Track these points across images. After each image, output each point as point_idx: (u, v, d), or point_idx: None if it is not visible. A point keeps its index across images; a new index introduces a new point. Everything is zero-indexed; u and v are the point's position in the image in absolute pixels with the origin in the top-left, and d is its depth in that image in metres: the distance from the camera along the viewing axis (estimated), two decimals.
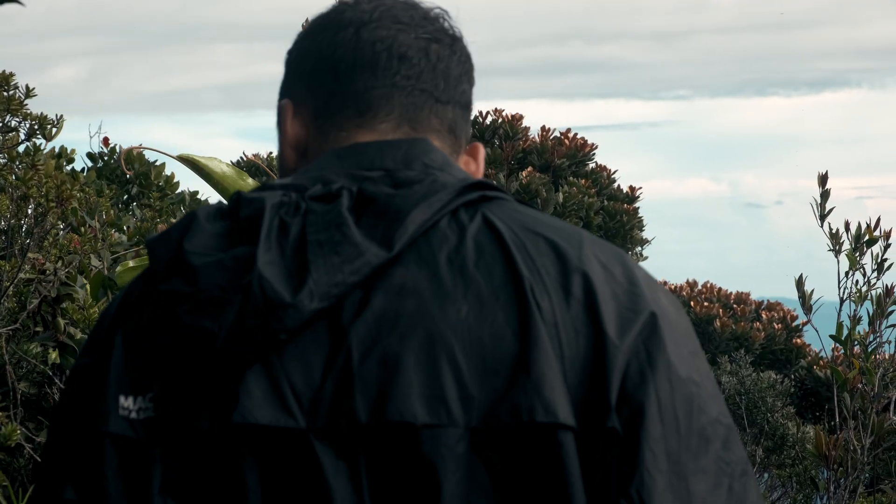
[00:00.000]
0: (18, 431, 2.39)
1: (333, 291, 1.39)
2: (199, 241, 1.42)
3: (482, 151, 1.70)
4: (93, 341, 1.51)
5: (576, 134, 9.08)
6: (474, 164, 1.66)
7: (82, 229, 2.92)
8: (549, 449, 1.38)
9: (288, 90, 1.65)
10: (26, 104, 2.77)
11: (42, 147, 2.66)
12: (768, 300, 11.16)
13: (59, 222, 2.60)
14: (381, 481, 1.38)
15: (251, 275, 1.37)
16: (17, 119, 2.79)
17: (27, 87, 2.76)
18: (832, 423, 6.12)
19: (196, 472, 1.40)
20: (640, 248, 9.21)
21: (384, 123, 1.57)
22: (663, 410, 1.41)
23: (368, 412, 1.37)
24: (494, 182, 1.75)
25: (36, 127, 2.70)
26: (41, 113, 2.73)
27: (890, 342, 5.96)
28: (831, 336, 5.89)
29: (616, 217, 8.81)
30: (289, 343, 1.39)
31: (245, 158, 9.10)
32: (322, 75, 1.61)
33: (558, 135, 9.05)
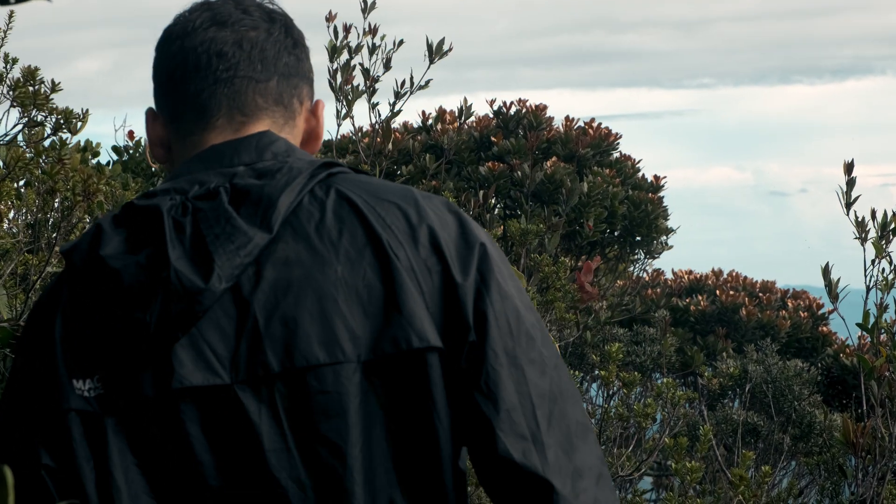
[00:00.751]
0: None
1: (235, 272, 1.73)
2: (112, 247, 1.73)
3: (322, 107, 2.03)
4: (26, 342, 1.84)
5: (600, 124, 9.07)
6: (314, 120, 2.00)
7: None
8: (420, 368, 1.77)
9: (154, 99, 1.97)
10: (52, 98, 2.78)
11: (68, 141, 2.67)
12: (794, 289, 11.12)
13: (86, 216, 2.61)
14: (298, 416, 1.74)
15: (167, 270, 1.70)
16: (44, 114, 2.80)
17: (53, 81, 2.78)
18: (859, 410, 6.10)
19: (145, 432, 1.74)
20: (665, 238, 9.19)
21: (220, 120, 1.90)
22: (498, 319, 1.81)
23: (279, 362, 1.74)
24: (334, 159, 2.10)
25: (62, 121, 2.71)
26: (67, 107, 2.74)
27: None
28: (858, 324, 5.87)
29: (641, 206, 8.80)
30: (203, 318, 1.73)
31: None
32: (166, 86, 1.93)
33: (582, 125, 9.05)
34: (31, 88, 2.77)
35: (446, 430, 1.80)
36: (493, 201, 8.26)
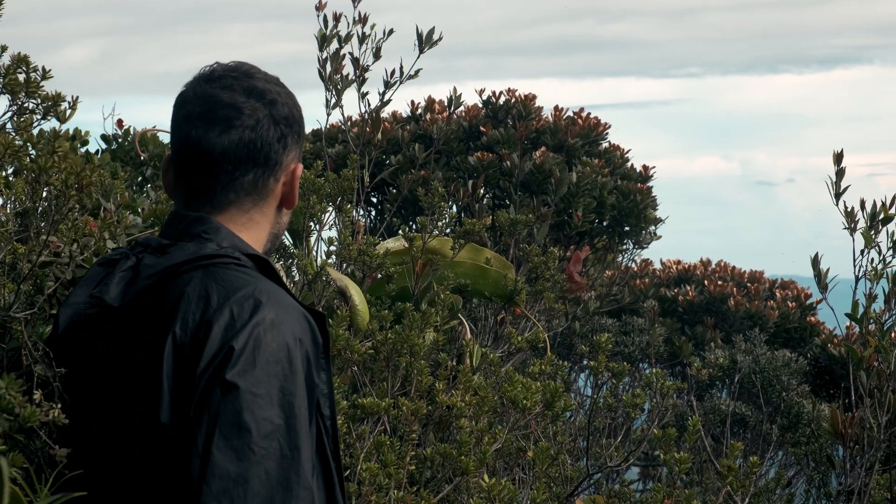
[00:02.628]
0: (38, 413, 2.40)
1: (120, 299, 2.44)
2: (104, 287, 2.47)
3: (298, 171, 2.56)
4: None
5: (589, 113, 9.05)
6: (289, 186, 2.55)
7: (99, 213, 2.92)
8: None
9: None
10: (42, 85, 2.76)
11: (59, 131, 2.65)
12: (782, 279, 11.13)
13: (76, 205, 2.59)
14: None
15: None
16: (35, 101, 2.78)
17: (43, 68, 2.77)
18: (847, 401, 6.11)
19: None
20: (653, 228, 9.18)
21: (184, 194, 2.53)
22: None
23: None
24: (228, 251, 2.46)
25: (50, 106, 2.70)
26: (56, 91, 2.73)
27: None
28: (847, 314, 5.88)
29: (630, 196, 8.79)
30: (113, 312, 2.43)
31: None
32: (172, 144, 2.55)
33: (571, 114, 9.03)
34: (21, 76, 2.75)
35: None
36: (482, 191, 8.25)
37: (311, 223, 5.04)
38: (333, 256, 4.88)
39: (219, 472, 2.21)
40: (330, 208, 5.19)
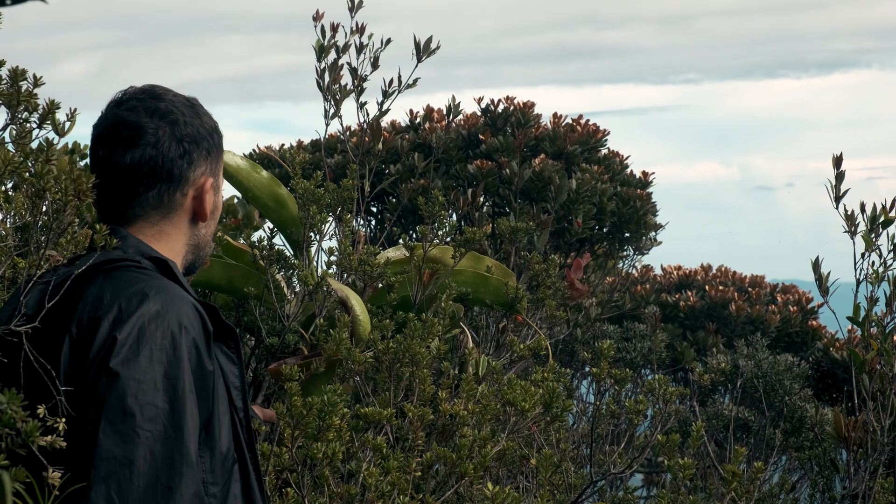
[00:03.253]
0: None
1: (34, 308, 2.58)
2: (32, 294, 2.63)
3: (208, 185, 2.74)
4: None
5: (588, 120, 9.04)
6: (199, 200, 2.73)
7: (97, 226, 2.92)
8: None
9: None
10: (35, 93, 2.78)
11: (56, 142, 2.66)
12: (783, 283, 11.12)
13: (76, 218, 2.60)
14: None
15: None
16: (29, 111, 2.79)
17: (35, 76, 2.81)
18: (850, 404, 6.10)
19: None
20: (653, 234, 9.18)
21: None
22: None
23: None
24: (120, 255, 2.64)
25: (45, 114, 2.71)
26: (50, 99, 2.75)
27: None
28: (849, 318, 5.87)
29: (629, 203, 8.79)
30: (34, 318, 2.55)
31: (258, 150, 9.09)
32: None
33: (570, 121, 9.02)
34: (19, 87, 2.76)
35: None
36: (481, 199, 8.24)
37: (312, 234, 5.04)
38: (334, 266, 4.88)
39: (105, 456, 2.38)
40: (330, 218, 5.19)
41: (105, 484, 2.37)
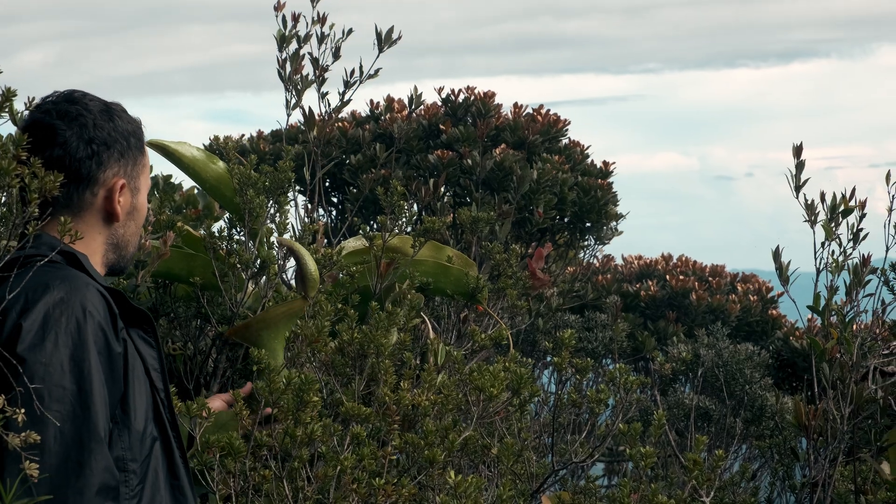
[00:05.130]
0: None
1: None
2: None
3: (118, 186, 2.90)
4: None
5: (548, 110, 9.05)
6: (110, 200, 2.90)
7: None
8: None
9: None
10: None
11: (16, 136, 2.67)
12: (743, 272, 11.17)
13: (36, 210, 2.61)
14: None
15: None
16: None
17: None
18: (810, 393, 6.13)
19: None
20: (614, 223, 9.19)
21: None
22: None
23: None
24: (36, 253, 2.78)
25: (3, 101, 2.70)
26: (7, 87, 2.76)
27: (867, 311, 5.98)
28: (809, 307, 5.90)
29: (590, 193, 8.79)
30: None
31: (215, 140, 9.04)
32: None
33: (531, 111, 9.02)
34: None
35: None
36: (443, 190, 8.24)
37: (248, 217, 4.98)
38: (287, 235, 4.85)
39: None
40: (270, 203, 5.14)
41: (16, 463, 2.47)
